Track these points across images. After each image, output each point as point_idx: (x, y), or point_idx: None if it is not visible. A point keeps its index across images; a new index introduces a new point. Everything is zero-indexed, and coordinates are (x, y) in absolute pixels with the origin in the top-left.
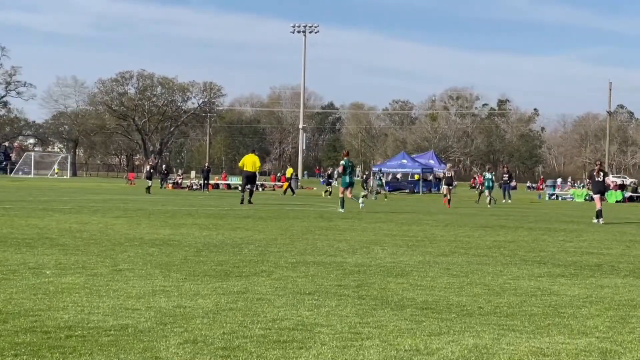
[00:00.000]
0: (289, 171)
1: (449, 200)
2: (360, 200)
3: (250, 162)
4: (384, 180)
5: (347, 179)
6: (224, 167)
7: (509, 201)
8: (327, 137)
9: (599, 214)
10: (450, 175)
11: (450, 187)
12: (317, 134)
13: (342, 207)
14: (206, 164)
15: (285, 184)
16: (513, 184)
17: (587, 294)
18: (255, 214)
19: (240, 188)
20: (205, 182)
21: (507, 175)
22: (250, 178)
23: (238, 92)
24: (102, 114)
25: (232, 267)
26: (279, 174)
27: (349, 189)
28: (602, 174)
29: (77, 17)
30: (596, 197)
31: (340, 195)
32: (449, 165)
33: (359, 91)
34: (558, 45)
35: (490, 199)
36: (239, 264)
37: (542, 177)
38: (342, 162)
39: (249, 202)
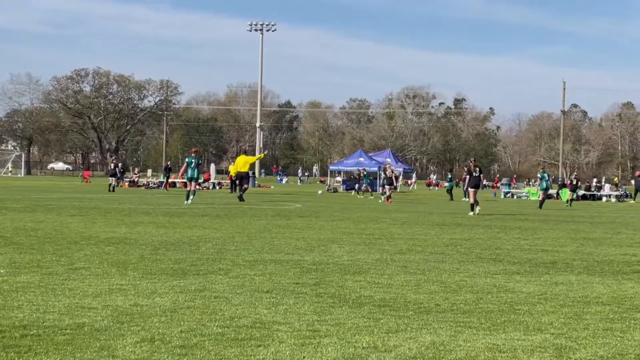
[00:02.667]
0: (231, 168)
1: (388, 197)
2: (191, 199)
3: (241, 163)
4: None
5: (190, 173)
6: (180, 165)
7: (466, 199)
8: (284, 136)
9: (472, 207)
10: (390, 176)
11: (392, 187)
12: (275, 132)
13: (188, 199)
14: (168, 162)
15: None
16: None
17: (542, 291)
18: (212, 212)
19: (238, 189)
20: (166, 180)
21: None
22: (243, 177)
23: (195, 90)
24: (57, 111)
25: (189, 266)
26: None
27: (194, 183)
28: (477, 169)
29: (30, 14)
30: (471, 191)
31: (189, 188)
32: (387, 166)
33: (317, 90)
34: (513, 45)
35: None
36: (196, 262)
37: (497, 176)
38: (187, 159)
39: (241, 197)
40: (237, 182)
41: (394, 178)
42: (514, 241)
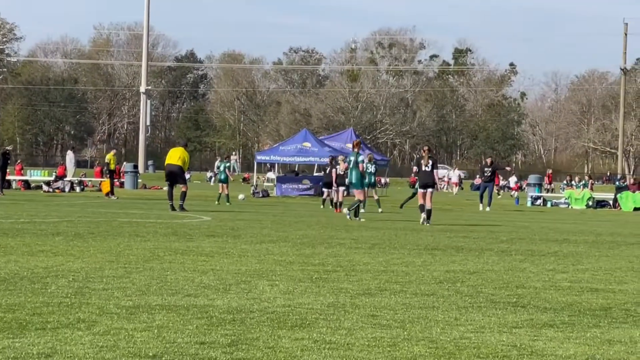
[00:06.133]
0: (111, 157)
1: (339, 204)
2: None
3: (175, 153)
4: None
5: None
6: (19, 153)
7: (487, 209)
8: (185, 107)
9: (422, 209)
10: (343, 173)
11: (343, 189)
12: (170, 101)
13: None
14: (8, 148)
15: (106, 182)
16: (477, 181)
17: (589, 354)
18: (69, 228)
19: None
20: (1, 177)
21: (491, 170)
22: (173, 174)
23: (42, 33)
24: None
25: (30, 315)
26: (105, 166)
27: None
28: (430, 162)
29: None
30: (420, 191)
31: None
32: (340, 158)
33: (236, 34)
34: None
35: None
36: (41, 310)
37: (550, 172)
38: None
39: (181, 207)
40: (167, 180)
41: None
42: (546, 275)
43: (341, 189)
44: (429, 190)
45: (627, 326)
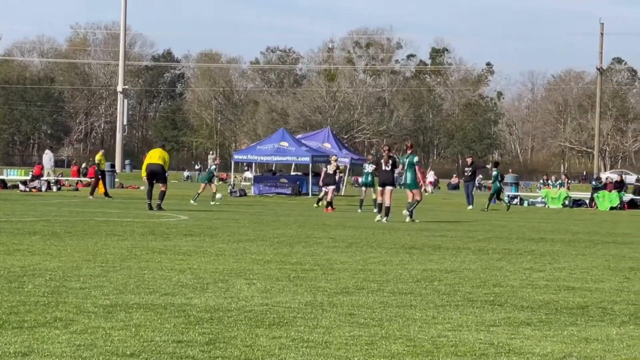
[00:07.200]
0: (100, 157)
1: (331, 203)
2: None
3: (155, 154)
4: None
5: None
6: None
7: (471, 207)
8: (162, 106)
9: (385, 210)
10: (332, 172)
11: (332, 188)
12: (147, 100)
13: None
14: None
15: (100, 183)
16: (455, 180)
17: (566, 352)
18: (45, 228)
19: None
20: None
21: (471, 170)
22: (154, 173)
23: (19, 32)
24: None
25: (6, 314)
26: (84, 165)
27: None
28: (390, 161)
29: None
30: (380, 189)
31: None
32: (333, 158)
33: (213, 34)
34: None
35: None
36: (18, 309)
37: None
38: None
39: (159, 207)
40: (148, 180)
41: (337, 175)
42: (522, 273)
43: (331, 188)
44: (388, 188)
45: (604, 324)
